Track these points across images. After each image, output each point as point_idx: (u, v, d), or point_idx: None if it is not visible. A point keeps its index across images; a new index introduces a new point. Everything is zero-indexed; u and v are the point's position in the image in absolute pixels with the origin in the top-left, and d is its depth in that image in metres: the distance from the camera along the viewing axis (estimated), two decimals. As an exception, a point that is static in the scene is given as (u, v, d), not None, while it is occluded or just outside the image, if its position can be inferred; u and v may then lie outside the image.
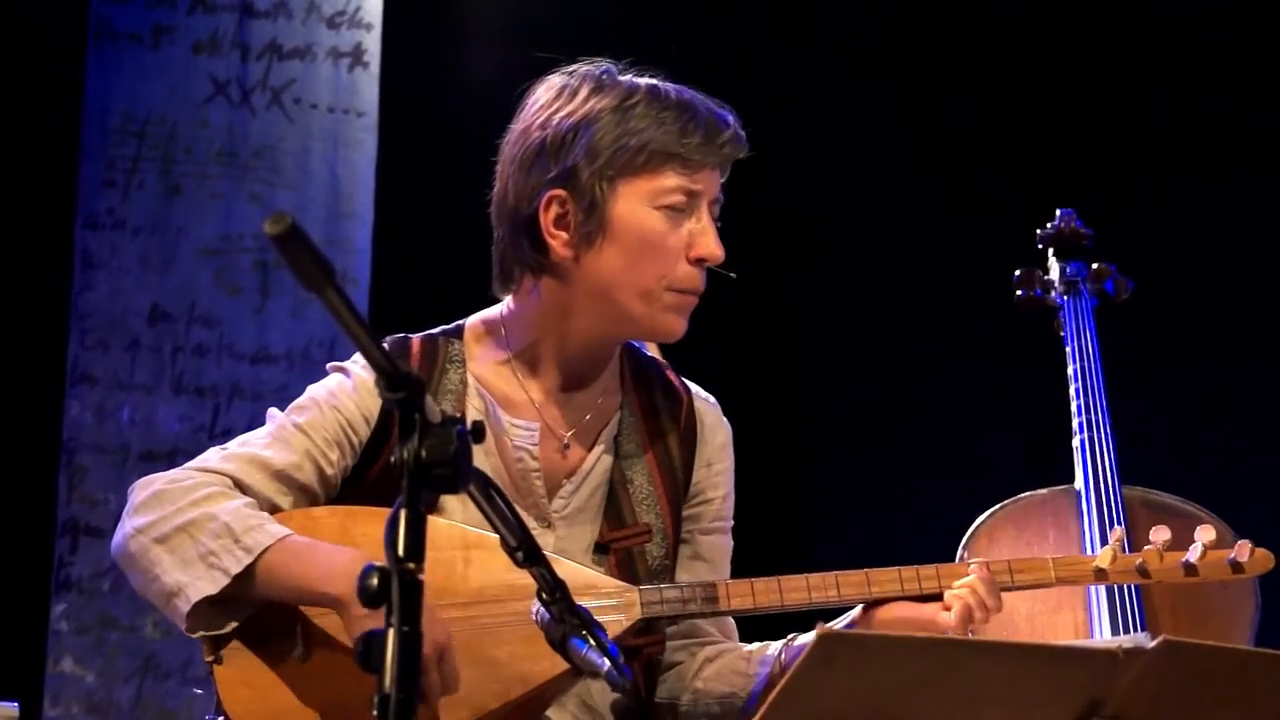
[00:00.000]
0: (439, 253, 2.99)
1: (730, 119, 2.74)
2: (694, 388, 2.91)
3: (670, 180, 2.68)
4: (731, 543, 2.93)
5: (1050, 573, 2.75)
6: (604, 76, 2.73)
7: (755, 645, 2.86)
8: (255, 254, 5.40)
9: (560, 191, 2.67)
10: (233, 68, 5.45)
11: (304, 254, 1.77)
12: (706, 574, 2.85)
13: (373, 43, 5.53)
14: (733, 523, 2.93)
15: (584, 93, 2.71)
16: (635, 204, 2.68)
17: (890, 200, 5.39)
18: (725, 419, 2.92)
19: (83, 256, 5.33)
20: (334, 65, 5.52)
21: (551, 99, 2.73)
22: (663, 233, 2.68)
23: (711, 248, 2.71)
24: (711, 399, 2.92)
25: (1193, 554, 2.74)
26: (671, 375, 2.91)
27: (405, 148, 5.45)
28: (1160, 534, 2.75)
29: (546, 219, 2.68)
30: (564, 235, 2.68)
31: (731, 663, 2.85)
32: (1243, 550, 2.75)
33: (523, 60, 2.87)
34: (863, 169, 5.40)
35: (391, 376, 1.90)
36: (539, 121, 2.72)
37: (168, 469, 2.71)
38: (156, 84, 5.41)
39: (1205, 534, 2.74)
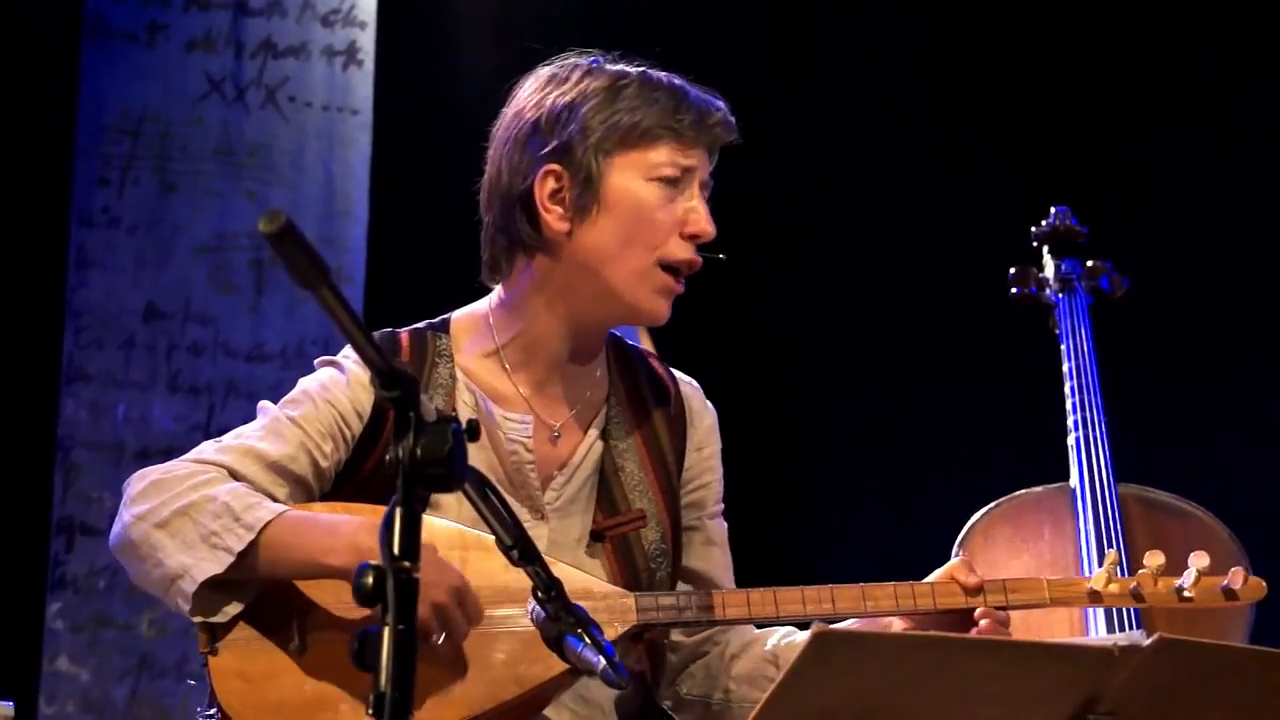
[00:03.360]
0: (434, 251, 2.99)
1: (721, 103, 2.79)
2: (678, 374, 2.94)
3: (663, 154, 2.72)
4: (726, 525, 2.96)
5: (1045, 594, 2.75)
6: (593, 65, 2.78)
7: (777, 640, 2.87)
8: (250, 252, 5.40)
9: (555, 166, 2.71)
10: (227, 65, 5.45)
11: (299, 252, 1.77)
12: (719, 558, 2.90)
13: (367, 41, 5.53)
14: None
15: (575, 77, 2.76)
16: (629, 177, 2.71)
17: (885, 197, 5.39)
18: (709, 402, 2.94)
19: (78, 254, 5.32)
20: (328, 63, 5.51)
21: (543, 84, 2.78)
22: (656, 206, 2.72)
23: (704, 224, 2.74)
24: (695, 383, 2.94)
25: (1186, 579, 2.73)
26: (656, 363, 2.93)
27: (400, 146, 5.45)
28: (1155, 559, 2.74)
29: (542, 193, 2.71)
30: (559, 210, 2.71)
31: (760, 667, 2.86)
32: (1236, 578, 2.73)
33: (517, 58, 2.88)
34: (858, 167, 5.39)
35: (387, 375, 1.90)
36: (532, 103, 2.76)
37: (163, 466, 2.71)
38: (151, 82, 5.41)
39: (1199, 560, 2.72)
